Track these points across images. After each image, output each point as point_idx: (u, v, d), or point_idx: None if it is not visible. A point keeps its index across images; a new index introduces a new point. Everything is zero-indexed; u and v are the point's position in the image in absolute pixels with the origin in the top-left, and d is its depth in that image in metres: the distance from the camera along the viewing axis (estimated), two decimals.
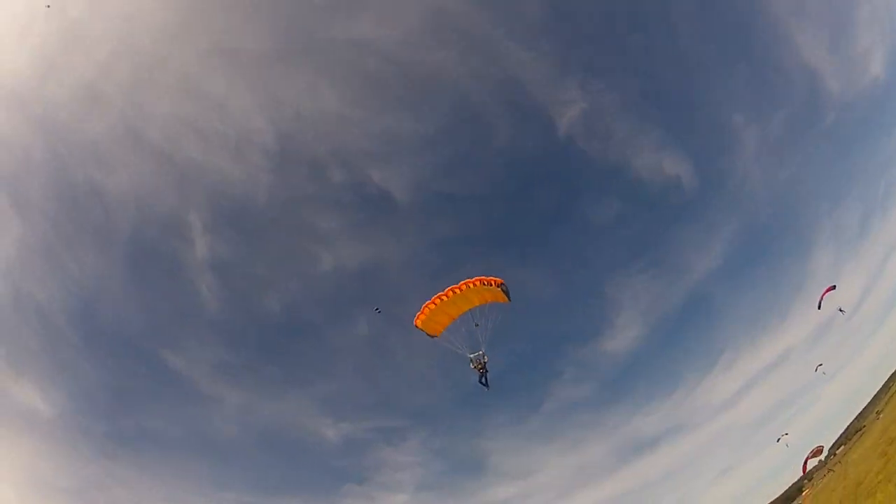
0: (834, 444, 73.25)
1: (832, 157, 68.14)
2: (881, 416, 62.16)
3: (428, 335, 22.42)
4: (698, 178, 68.54)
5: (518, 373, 74.99)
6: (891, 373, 71.40)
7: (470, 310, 21.44)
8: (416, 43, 59.42)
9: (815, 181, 70.12)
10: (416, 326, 21.21)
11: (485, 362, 21.24)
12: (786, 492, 75.10)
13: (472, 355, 21.25)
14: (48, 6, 49.47)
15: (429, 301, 20.70)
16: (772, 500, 75.83)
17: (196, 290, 62.83)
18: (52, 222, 56.66)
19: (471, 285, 19.88)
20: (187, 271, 61.31)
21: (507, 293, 20.32)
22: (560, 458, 72.84)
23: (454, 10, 57.15)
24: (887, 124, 66.82)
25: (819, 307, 39.19)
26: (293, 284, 61.86)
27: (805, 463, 46.50)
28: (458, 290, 20.11)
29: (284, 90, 60.47)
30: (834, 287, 39.79)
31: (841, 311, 42.33)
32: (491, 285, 19.67)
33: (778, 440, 57.43)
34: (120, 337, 60.55)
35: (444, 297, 20.38)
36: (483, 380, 21.28)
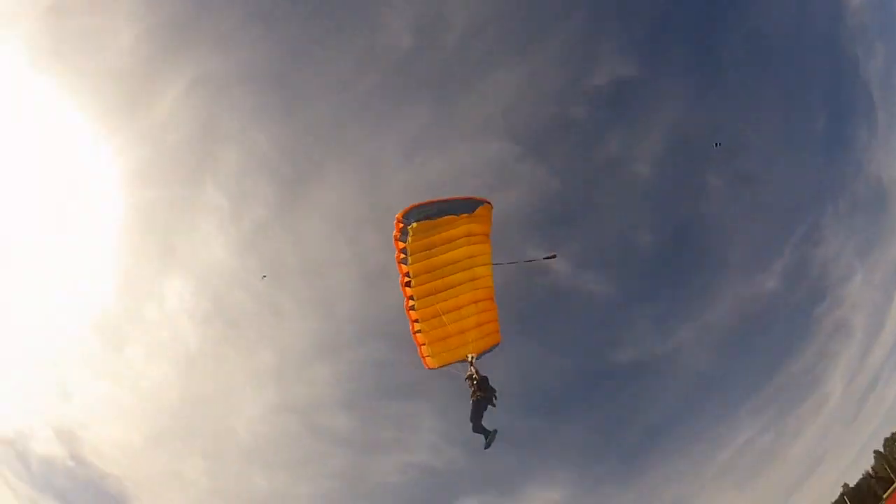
0: None
1: None
2: None
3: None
4: None
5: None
6: None
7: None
8: None
9: None
10: (432, 368, 11.22)
11: (476, 380, 9.79)
12: None
13: (468, 373, 10.20)
14: (264, 276, 47.72)
15: (412, 317, 10.77)
16: None
17: None
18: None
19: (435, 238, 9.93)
20: None
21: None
22: None
23: None
24: None
25: None
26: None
27: None
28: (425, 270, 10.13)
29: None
30: None
31: None
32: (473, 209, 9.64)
33: None
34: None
35: (422, 286, 10.33)
36: (480, 428, 9.66)
